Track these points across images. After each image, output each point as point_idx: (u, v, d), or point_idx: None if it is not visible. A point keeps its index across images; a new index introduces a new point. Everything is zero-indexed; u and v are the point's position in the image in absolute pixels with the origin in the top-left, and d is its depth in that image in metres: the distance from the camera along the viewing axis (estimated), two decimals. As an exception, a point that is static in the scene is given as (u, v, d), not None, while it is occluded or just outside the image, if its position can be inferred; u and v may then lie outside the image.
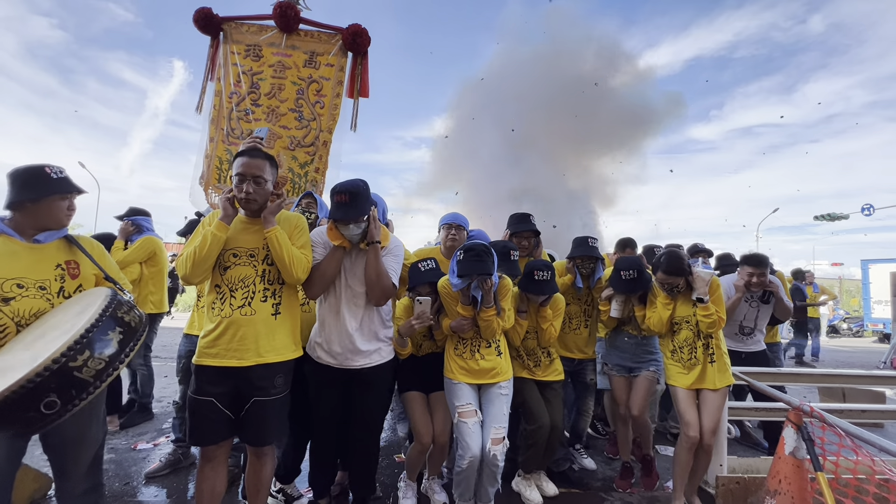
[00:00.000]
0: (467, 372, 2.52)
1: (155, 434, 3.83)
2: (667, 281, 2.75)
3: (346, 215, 2.13)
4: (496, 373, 2.53)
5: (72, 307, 1.77)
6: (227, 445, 2.06)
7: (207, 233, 1.95)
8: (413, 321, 2.44)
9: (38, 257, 1.82)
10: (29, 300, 1.76)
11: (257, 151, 2.08)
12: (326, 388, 2.31)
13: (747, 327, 3.57)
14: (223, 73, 3.56)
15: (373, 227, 2.21)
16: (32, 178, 1.82)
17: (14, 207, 1.81)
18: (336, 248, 2.19)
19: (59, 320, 1.70)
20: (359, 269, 2.26)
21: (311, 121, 3.63)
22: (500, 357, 2.57)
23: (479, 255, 2.36)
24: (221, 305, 1.99)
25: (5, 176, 1.84)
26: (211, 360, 1.95)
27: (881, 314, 14.14)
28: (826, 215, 23.30)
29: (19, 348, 1.62)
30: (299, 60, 3.68)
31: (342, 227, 2.17)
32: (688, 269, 2.72)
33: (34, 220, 1.82)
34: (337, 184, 2.22)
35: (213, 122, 3.51)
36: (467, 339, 2.56)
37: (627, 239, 4.20)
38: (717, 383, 2.66)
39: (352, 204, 2.13)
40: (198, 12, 3.56)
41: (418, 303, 2.42)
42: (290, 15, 3.58)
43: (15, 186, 1.80)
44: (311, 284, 2.16)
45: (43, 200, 1.82)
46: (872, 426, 4.40)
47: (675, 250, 2.85)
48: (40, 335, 1.63)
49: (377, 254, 2.21)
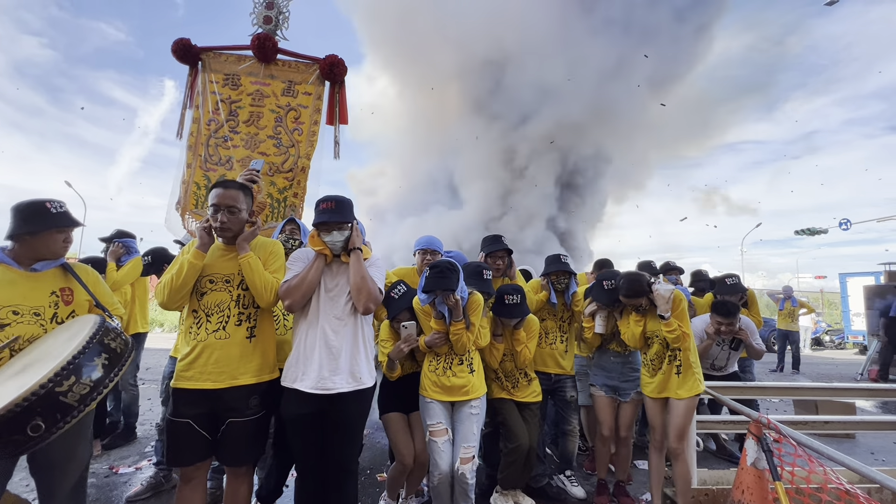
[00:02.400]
0: (440, 388, 2.58)
1: (137, 458, 3.81)
2: (629, 303, 2.88)
3: (331, 218, 2.15)
4: (468, 390, 2.58)
5: (62, 333, 1.87)
6: (206, 467, 2.11)
7: (184, 261, 2.03)
8: (402, 345, 2.53)
9: (34, 285, 1.95)
10: (24, 326, 1.88)
11: (231, 182, 2.17)
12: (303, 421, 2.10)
13: (719, 366, 3.74)
14: (201, 100, 3.64)
15: (355, 234, 2.22)
16: (32, 213, 1.98)
17: (14, 239, 1.96)
18: (318, 256, 2.18)
19: (50, 346, 1.80)
20: (341, 283, 2.22)
21: (289, 147, 3.71)
22: (472, 374, 2.61)
23: (442, 272, 2.47)
24: (197, 330, 2.06)
25: (10, 209, 1.99)
26: (187, 382, 2.00)
27: (860, 326, 14.41)
28: (806, 230, 24.02)
29: (9, 374, 1.69)
30: (277, 89, 3.77)
31: (325, 233, 2.17)
32: (647, 289, 2.82)
33: (32, 251, 1.97)
34: (322, 196, 2.26)
35: (191, 149, 3.56)
36: (441, 355, 2.62)
37: (604, 260, 4.34)
38: (680, 393, 2.74)
39: (337, 210, 2.17)
40: (176, 43, 3.65)
41: (404, 328, 2.51)
42: (268, 46, 3.69)
43: (17, 220, 1.96)
44: (291, 292, 2.10)
45: (41, 234, 1.97)
46: (844, 437, 4.49)
47: (634, 272, 2.97)
48: (31, 361, 1.73)
49: (360, 258, 2.19)
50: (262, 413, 2.13)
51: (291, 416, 2.11)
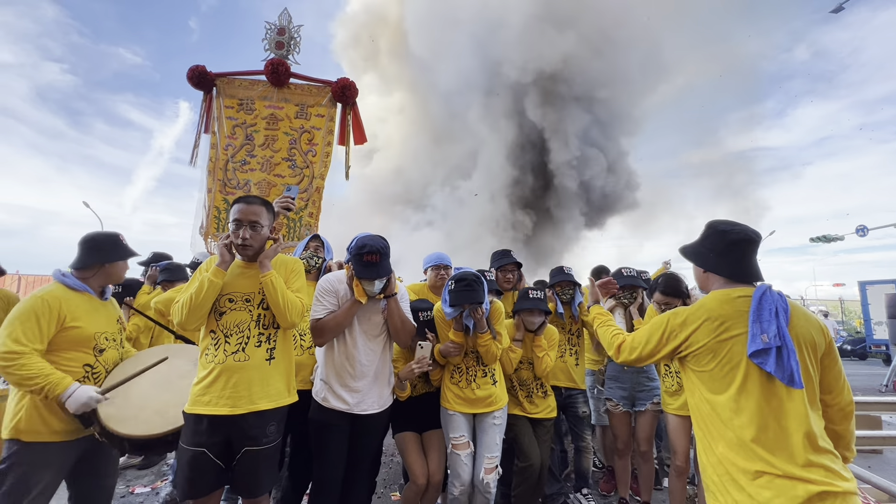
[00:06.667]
0: (463, 401, 2.57)
1: (153, 478, 3.81)
2: (664, 302, 2.74)
3: (378, 275, 2.19)
4: (491, 401, 2.59)
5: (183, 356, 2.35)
6: (219, 494, 2.04)
7: (204, 279, 1.93)
8: (414, 365, 2.44)
9: (107, 312, 2.20)
10: (111, 351, 2.16)
11: (254, 198, 2.10)
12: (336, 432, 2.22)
13: None
14: (217, 126, 3.74)
15: (393, 280, 2.28)
16: (110, 244, 2.23)
17: (87, 267, 2.15)
18: (354, 303, 2.20)
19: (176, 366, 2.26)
20: (372, 315, 2.31)
21: (303, 168, 3.80)
22: (494, 386, 2.61)
23: (469, 285, 2.45)
24: (215, 352, 1.96)
25: (79, 242, 2.21)
26: (203, 408, 1.89)
27: (882, 335, 14.05)
28: (822, 237, 23.48)
29: (153, 393, 2.11)
30: (291, 112, 3.87)
31: (367, 283, 2.20)
32: (686, 292, 2.70)
33: (105, 279, 2.20)
34: (362, 241, 2.24)
35: (210, 174, 3.66)
36: (462, 367, 2.62)
37: (601, 266, 4.36)
38: None
39: (381, 264, 2.21)
40: (191, 70, 3.77)
41: (419, 347, 2.45)
42: (280, 71, 3.80)
43: (93, 250, 2.17)
44: (324, 332, 2.17)
45: (115, 263, 2.21)
46: (870, 452, 4.37)
47: (674, 272, 2.90)
48: (166, 380, 2.17)
49: (398, 304, 2.28)
50: (279, 440, 2.04)
51: (320, 423, 2.21)
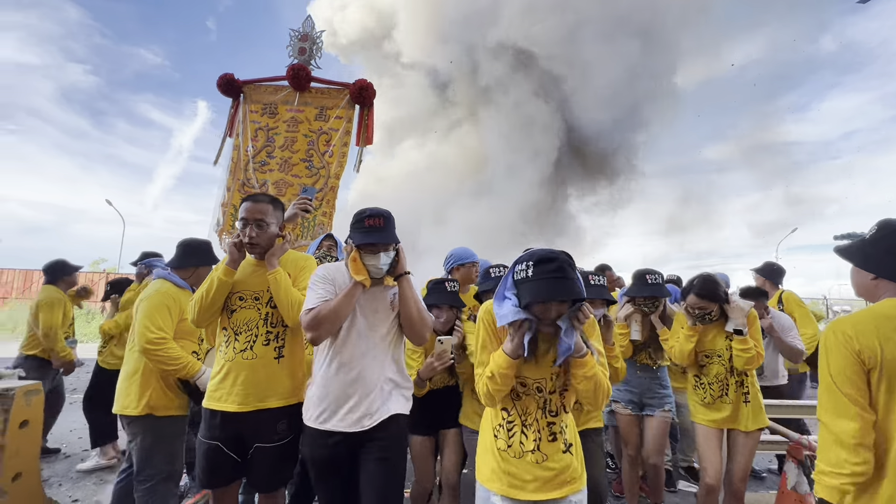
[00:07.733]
0: (516, 480, 1.50)
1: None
2: (698, 305, 2.45)
3: (381, 240, 1.77)
4: (563, 480, 1.51)
5: None
6: (236, 487, 2.06)
7: (214, 277, 1.96)
8: (434, 361, 2.16)
9: None
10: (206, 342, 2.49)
11: (261, 196, 2.09)
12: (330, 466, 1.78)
13: None
14: (241, 129, 3.93)
15: (403, 257, 1.85)
16: (205, 249, 2.56)
17: (184, 268, 2.48)
18: (355, 285, 1.75)
19: None
20: (378, 306, 1.86)
21: (320, 168, 3.91)
22: (567, 453, 1.53)
23: (561, 269, 1.41)
24: (226, 349, 1.97)
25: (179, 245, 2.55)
26: (215, 403, 1.91)
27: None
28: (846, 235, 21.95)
29: None
30: (311, 115, 4.01)
31: (370, 256, 1.77)
32: (723, 296, 2.44)
33: (196, 280, 2.41)
34: (362, 209, 1.86)
35: (231, 173, 3.85)
36: (517, 418, 1.55)
37: (604, 265, 4.37)
38: (749, 425, 2.40)
39: (386, 228, 1.80)
40: (221, 78, 3.99)
41: (439, 342, 2.16)
42: (301, 76, 3.95)
43: (192, 253, 2.52)
44: (320, 325, 1.71)
45: (206, 267, 2.49)
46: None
47: (710, 273, 2.55)
48: None
49: (411, 285, 1.84)
50: (291, 437, 1.99)
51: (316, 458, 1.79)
